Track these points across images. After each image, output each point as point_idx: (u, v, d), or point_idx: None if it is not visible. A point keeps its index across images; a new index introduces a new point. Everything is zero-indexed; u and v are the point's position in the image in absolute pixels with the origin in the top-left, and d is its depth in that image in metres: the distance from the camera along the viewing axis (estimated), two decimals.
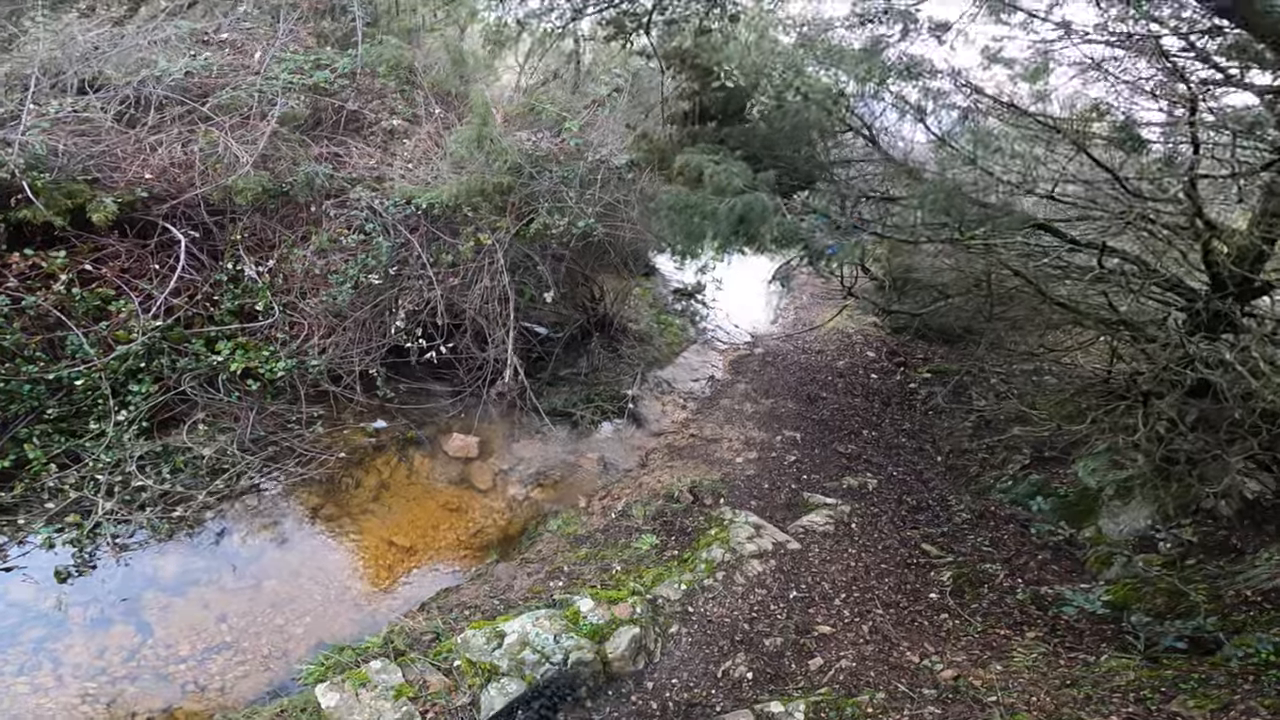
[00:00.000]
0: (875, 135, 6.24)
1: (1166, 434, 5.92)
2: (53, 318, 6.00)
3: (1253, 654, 4.27)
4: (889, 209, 6.94)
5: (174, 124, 7.22)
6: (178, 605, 5.14)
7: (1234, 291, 5.38)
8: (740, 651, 5.01)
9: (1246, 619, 4.72)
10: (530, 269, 7.83)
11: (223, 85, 7.56)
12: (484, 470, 7.23)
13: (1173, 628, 4.86)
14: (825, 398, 9.35)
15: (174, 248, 6.78)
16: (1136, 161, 4.93)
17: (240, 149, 7.06)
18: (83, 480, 5.60)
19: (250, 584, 5.42)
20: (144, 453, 5.91)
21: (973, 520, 6.77)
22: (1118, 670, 4.51)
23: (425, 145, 7.76)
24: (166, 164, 6.87)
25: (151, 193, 6.72)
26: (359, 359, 7.22)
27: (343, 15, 9.04)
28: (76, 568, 5.17)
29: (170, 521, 5.59)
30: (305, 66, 7.96)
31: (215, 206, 7.11)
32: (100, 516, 5.42)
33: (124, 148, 6.84)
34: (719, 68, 5.15)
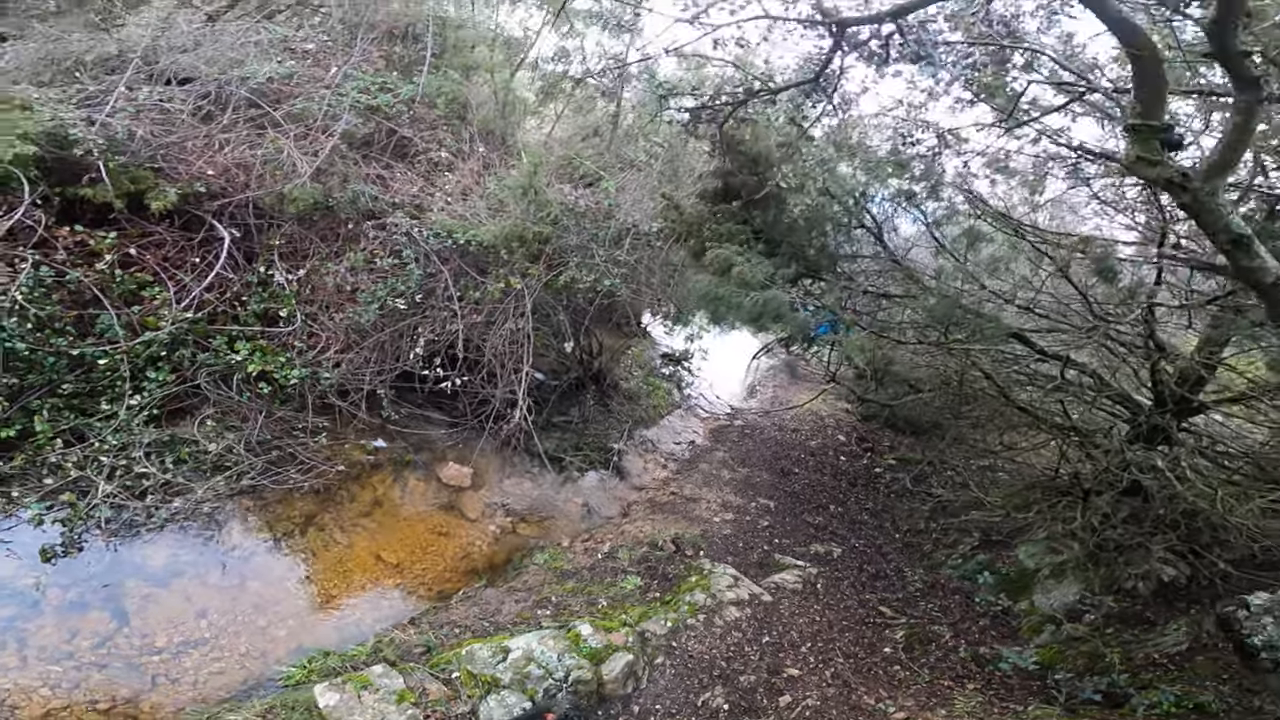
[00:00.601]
0: (882, 234, 7.19)
1: (1100, 525, 6.76)
2: (89, 295, 6.20)
3: (1156, 705, 4.98)
4: (881, 304, 7.84)
5: (245, 125, 7.58)
6: (159, 596, 5.15)
7: (1173, 409, 6.29)
8: (718, 685, 5.39)
9: (1154, 677, 5.43)
10: (547, 318, 8.38)
11: (297, 94, 7.97)
12: (474, 500, 7.52)
13: (1090, 683, 5.56)
14: (797, 473, 10.00)
15: (216, 244, 7.09)
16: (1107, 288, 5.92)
17: (301, 158, 7.44)
18: (85, 460, 5.65)
19: (235, 583, 5.49)
20: (151, 440, 6.02)
21: (924, 589, 7.40)
22: (1042, 718, 5.14)
23: (466, 181, 8.33)
24: (230, 163, 7.20)
25: (208, 188, 7.05)
26: (370, 378, 7.53)
27: (414, 43, 9.54)
28: (63, 548, 5.16)
29: (166, 511, 5.64)
30: (372, 88, 8.40)
31: (261, 210, 7.46)
32: (98, 498, 5.44)
33: (194, 142, 7.17)
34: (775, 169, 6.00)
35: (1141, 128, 2.93)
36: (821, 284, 7.01)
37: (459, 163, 8.70)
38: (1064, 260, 5.88)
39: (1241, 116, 2.68)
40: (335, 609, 5.61)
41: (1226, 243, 2.93)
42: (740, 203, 6.79)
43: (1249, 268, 2.95)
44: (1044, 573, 7.14)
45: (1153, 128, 2.90)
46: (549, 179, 8.12)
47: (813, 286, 6.92)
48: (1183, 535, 6.16)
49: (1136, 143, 2.98)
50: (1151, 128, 2.90)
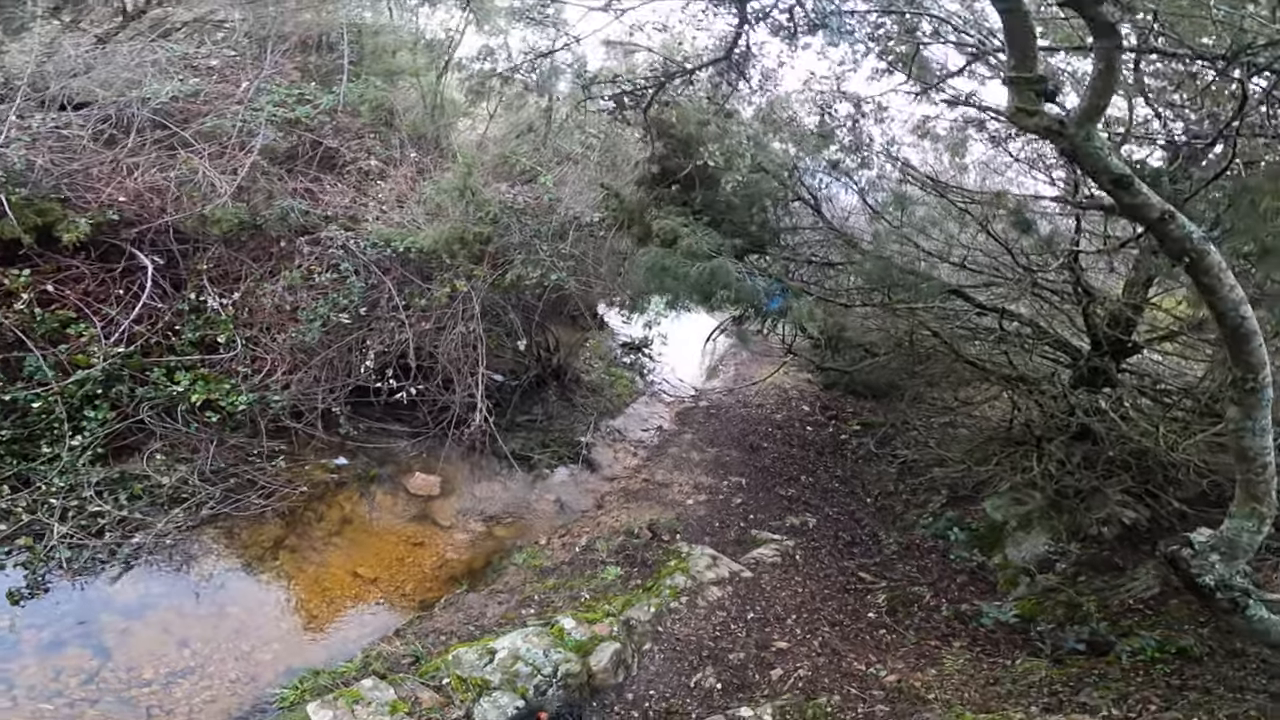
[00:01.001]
0: (819, 204, 7.42)
1: (1057, 473, 7.05)
2: (11, 337, 6.00)
3: (1140, 651, 5.17)
4: (827, 273, 8.09)
5: (153, 148, 7.32)
6: (137, 629, 5.13)
7: (1109, 351, 6.65)
8: (708, 665, 5.54)
9: (1132, 623, 5.70)
10: (498, 317, 8.38)
11: (206, 112, 7.74)
12: (445, 507, 7.52)
13: (1072, 633, 5.79)
14: (766, 447, 10.24)
15: (139, 274, 6.89)
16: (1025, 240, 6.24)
17: (219, 178, 7.24)
18: (35, 503, 5.54)
19: (213, 611, 5.47)
20: (100, 479, 5.89)
21: (900, 551, 7.70)
22: (1031, 670, 5.34)
23: (400, 188, 8.25)
24: (142, 188, 6.98)
25: (122, 216, 6.80)
26: (322, 396, 7.43)
27: (329, 52, 9.36)
28: (29, 590, 5.12)
29: (129, 547, 5.56)
30: (289, 100, 8.20)
31: (184, 235, 7.24)
32: (55, 540, 5.36)
33: (100, 168, 6.92)
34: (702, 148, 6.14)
35: (1018, 80, 3.04)
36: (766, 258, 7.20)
37: (391, 170, 8.61)
38: (984, 216, 6.17)
39: (1104, 63, 2.82)
40: (319, 628, 5.61)
41: (1109, 183, 3.09)
42: (678, 185, 6.91)
43: (1133, 205, 3.13)
44: (1012, 524, 7.44)
45: (1027, 79, 3.01)
46: (486, 178, 8.10)
47: (758, 261, 7.11)
48: (1136, 477, 6.47)
49: (1015, 95, 3.10)
50: (1026, 79, 3.01)
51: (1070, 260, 6.04)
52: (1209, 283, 3.13)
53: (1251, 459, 3.62)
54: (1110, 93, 2.81)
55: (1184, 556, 4.04)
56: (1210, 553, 3.96)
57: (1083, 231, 6.41)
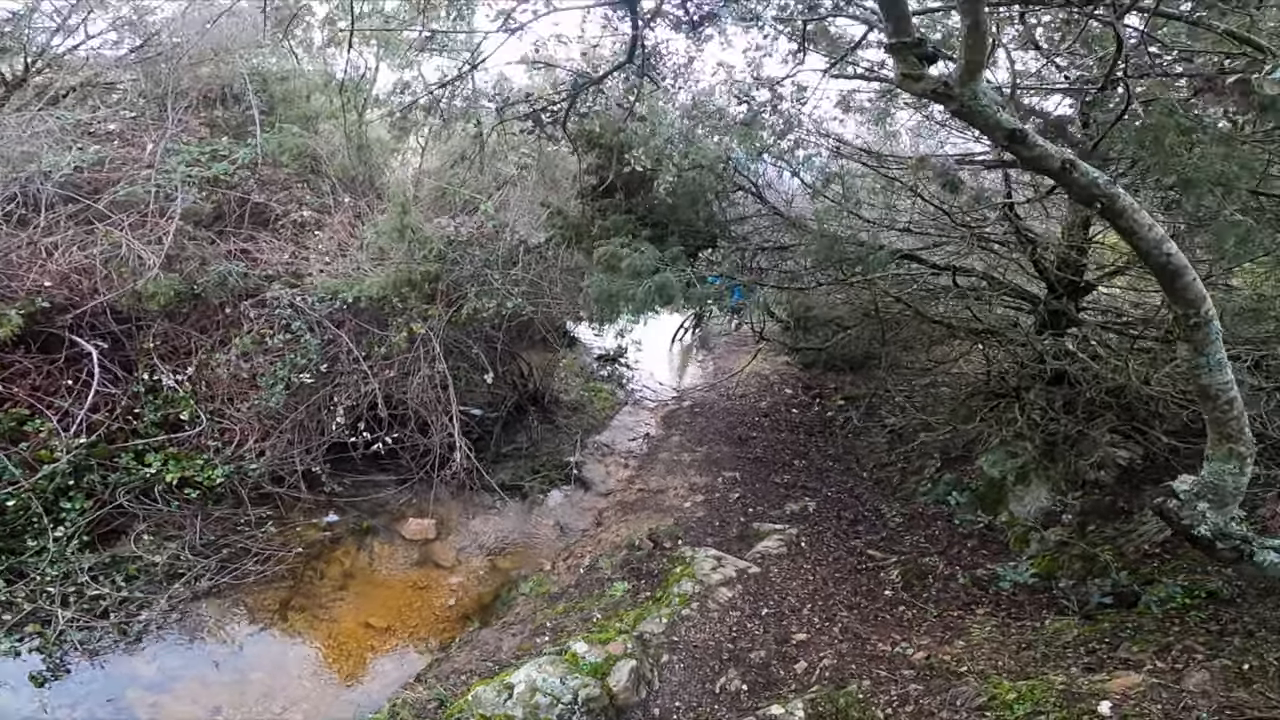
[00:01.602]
0: (761, 192, 7.58)
1: (1041, 421, 7.22)
2: None
3: (1168, 599, 5.07)
4: (782, 257, 8.26)
5: (68, 224, 7.20)
6: (166, 702, 5.24)
7: (1064, 293, 6.88)
8: (730, 668, 5.61)
9: (1152, 570, 5.65)
10: (463, 353, 8.42)
11: (115, 180, 7.62)
12: (445, 548, 7.55)
13: (1095, 586, 5.75)
14: (755, 437, 10.38)
15: (84, 360, 6.86)
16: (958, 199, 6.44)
17: (144, 249, 7.16)
18: (34, 593, 5.65)
19: (236, 677, 5.56)
20: (92, 564, 6.00)
21: (905, 523, 7.82)
22: (1062, 630, 5.27)
23: (340, 236, 8.25)
24: (66, 270, 6.90)
25: (53, 302, 6.74)
26: (300, 458, 7.42)
27: (235, 104, 9.29)
28: (50, 672, 5.22)
29: (138, 625, 5.70)
30: (202, 158, 8.14)
31: (122, 314, 7.21)
32: (62, 624, 5.48)
33: (18, 253, 6.82)
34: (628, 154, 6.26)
35: (897, 45, 3.05)
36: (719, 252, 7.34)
37: (326, 218, 8.60)
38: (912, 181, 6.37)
39: (970, 19, 2.82)
40: (341, 682, 5.69)
41: (1004, 139, 3.11)
42: (619, 194, 7.03)
43: (1032, 158, 3.15)
44: (1010, 480, 7.54)
45: (905, 44, 3.02)
46: (426, 214, 8.15)
47: (711, 255, 7.25)
48: (1120, 415, 6.58)
49: (898, 62, 3.11)
50: (905, 44, 3.02)
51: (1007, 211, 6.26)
52: (1125, 225, 3.19)
53: (1215, 396, 3.53)
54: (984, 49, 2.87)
55: (1171, 508, 3.89)
56: (1197, 501, 3.81)
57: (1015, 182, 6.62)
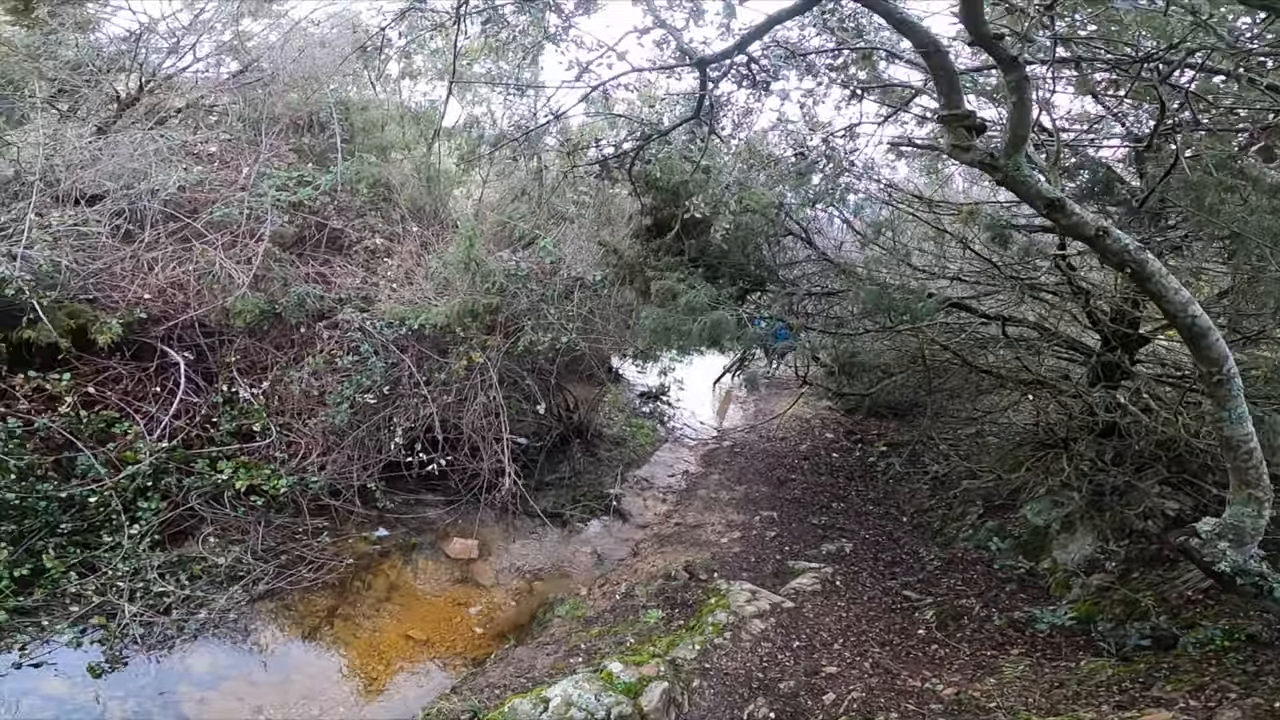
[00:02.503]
0: (811, 237, 7.92)
1: (1090, 472, 7.21)
2: (60, 439, 6.58)
3: (1207, 641, 5.14)
4: (829, 302, 8.55)
5: (168, 241, 7.78)
6: (213, 699, 5.60)
7: (1119, 345, 6.90)
8: (759, 696, 5.76)
9: (1194, 615, 5.68)
10: (516, 383, 8.88)
11: (213, 200, 8.20)
12: (486, 568, 7.90)
13: (1134, 629, 5.79)
14: (794, 479, 10.54)
15: (172, 370, 7.48)
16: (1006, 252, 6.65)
17: (235, 268, 7.73)
18: (104, 586, 6.11)
19: (279, 679, 5.91)
20: (160, 562, 6.47)
21: (943, 566, 7.85)
22: (1097, 670, 5.36)
23: (407, 264, 8.81)
24: (164, 284, 7.51)
25: (149, 314, 7.34)
26: (357, 474, 7.92)
27: (320, 131, 9.88)
28: (109, 664, 5.61)
29: (195, 623, 6.10)
30: (289, 183, 8.67)
31: (209, 328, 7.82)
32: (126, 618, 5.90)
33: (122, 265, 7.43)
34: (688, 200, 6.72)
35: (949, 118, 3.35)
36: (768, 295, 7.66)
37: (396, 246, 9.09)
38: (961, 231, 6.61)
39: (1015, 96, 3.11)
40: (379, 690, 6.00)
41: (1044, 207, 3.39)
42: (672, 235, 7.48)
43: (1069, 225, 3.44)
44: (1055, 528, 7.56)
45: (957, 116, 3.31)
46: (487, 246, 8.62)
47: (760, 299, 7.57)
48: (1171, 467, 6.62)
49: (949, 132, 3.42)
50: (956, 116, 3.31)
51: (1059, 261, 6.43)
52: (1154, 289, 3.48)
53: (1236, 447, 3.87)
54: (1028, 122, 3.22)
55: (1193, 546, 4.24)
56: (1218, 540, 4.15)
57: None
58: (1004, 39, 2.97)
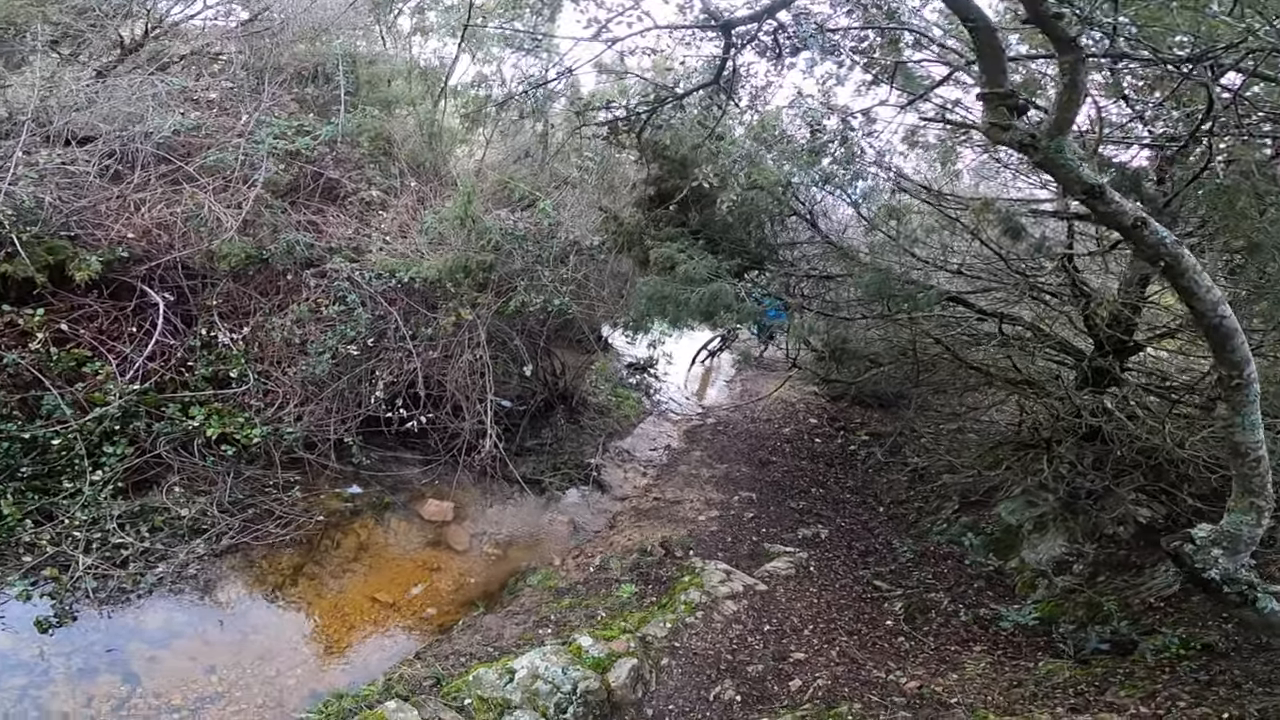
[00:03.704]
0: (815, 219, 7.63)
1: (1068, 474, 7.15)
2: (29, 376, 6.20)
3: (1164, 649, 5.17)
4: (826, 285, 8.29)
5: (158, 183, 7.49)
6: (164, 657, 5.29)
7: (1111, 351, 6.76)
8: (727, 678, 5.63)
9: (1154, 621, 5.71)
10: (504, 344, 8.58)
11: (208, 146, 7.92)
12: (460, 532, 7.67)
13: (1094, 633, 5.81)
14: (775, 461, 10.37)
15: (150, 310, 7.09)
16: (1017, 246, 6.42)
17: (224, 213, 7.41)
18: (60, 536, 5.74)
19: (237, 638, 5.63)
20: (121, 512, 6.10)
21: (915, 559, 7.76)
22: (1055, 672, 5.34)
23: (403, 218, 8.46)
24: (149, 225, 7.16)
25: (131, 253, 7.00)
26: (335, 427, 7.61)
27: (325, 83, 9.58)
28: (57, 619, 5.29)
29: (152, 577, 5.76)
30: (288, 132, 8.39)
31: (193, 270, 7.46)
32: (80, 571, 5.55)
33: (108, 204, 7.10)
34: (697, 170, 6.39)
35: (990, 95, 3.16)
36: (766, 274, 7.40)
37: (392, 200, 8.79)
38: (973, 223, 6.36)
39: (1068, 76, 2.94)
40: (340, 652, 5.76)
41: (1082, 192, 3.24)
42: (675, 206, 7.15)
43: (1107, 213, 3.28)
44: (1027, 528, 7.51)
45: (999, 94, 3.12)
46: (485, 205, 8.30)
47: (758, 278, 7.31)
48: (1148, 475, 6.53)
49: (988, 110, 3.22)
50: (998, 95, 3.12)
51: (1065, 262, 6.21)
52: (1186, 285, 3.29)
53: (1244, 454, 3.75)
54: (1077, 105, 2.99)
55: (1186, 552, 4.15)
56: (1211, 547, 4.06)
57: (1076, 234, 6.57)
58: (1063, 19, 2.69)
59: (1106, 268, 6.89)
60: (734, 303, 6.75)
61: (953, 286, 7.25)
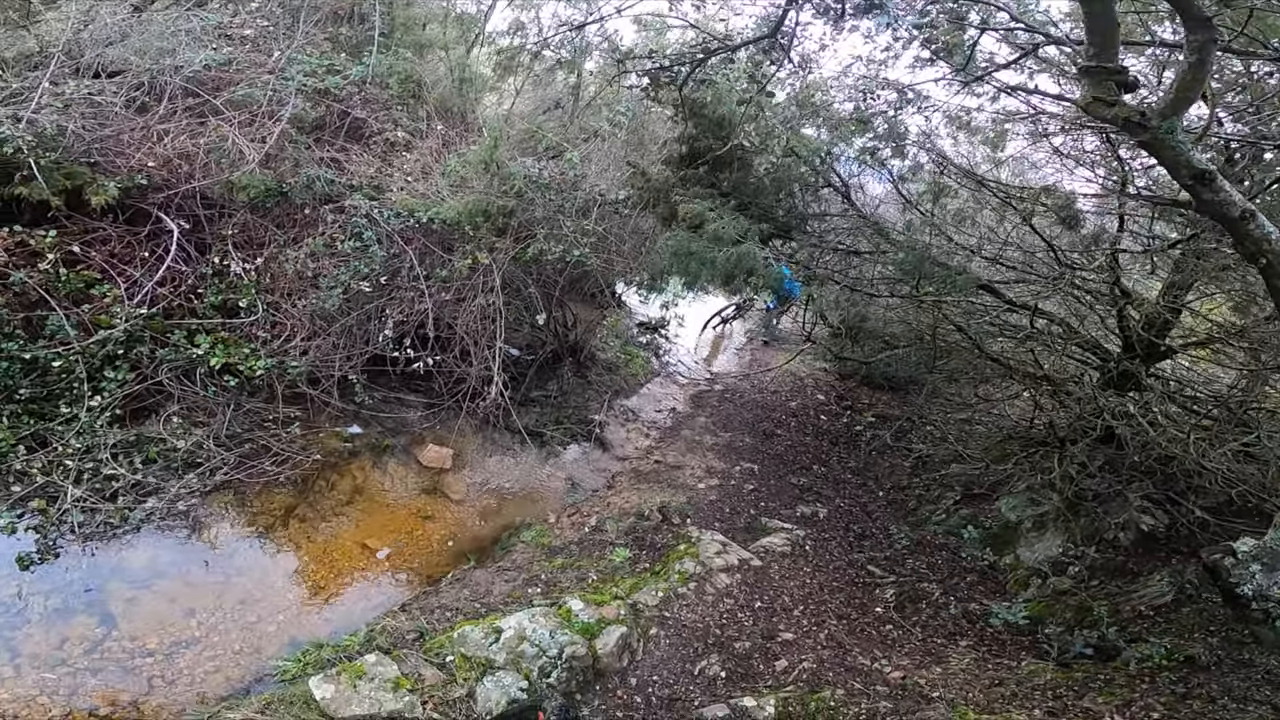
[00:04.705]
0: (850, 192, 7.12)
1: (1077, 475, 6.85)
2: (35, 296, 5.92)
3: (1147, 658, 5.02)
4: (851, 261, 7.82)
5: (184, 115, 7.23)
6: (144, 598, 5.05)
7: (1141, 354, 6.37)
8: (713, 653, 5.43)
9: (1142, 629, 5.53)
10: (518, 291, 8.21)
11: (238, 81, 7.62)
12: (457, 481, 7.44)
13: (1080, 636, 5.63)
14: (779, 434, 10.04)
15: (164, 237, 6.78)
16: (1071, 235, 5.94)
17: (247, 145, 7.12)
18: (51, 465, 5.46)
19: (221, 580, 5.38)
20: (116, 441, 5.81)
21: (911, 547, 7.50)
22: (1036, 673, 5.19)
23: (426, 160, 8.07)
24: (171, 154, 6.88)
25: (150, 181, 6.71)
26: (340, 364, 7.33)
27: (360, 23, 9.21)
28: (39, 555, 5.03)
29: (141, 512, 5.49)
30: (319, 70, 8.06)
31: (210, 200, 7.16)
32: (68, 503, 5.27)
33: (131, 134, 6.83)
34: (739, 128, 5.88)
35: (1096, 69, 2.94)
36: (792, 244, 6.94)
37: (417, 142, 8.41)
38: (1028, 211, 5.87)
39: (1196, 56, 2.69)
40: (324, 600, 5.54)
41: (1189, 178, 2.96)
42: (706, 166, 6.65)
43: (1213, 201, 2.99)
44: (1026, 525, 7.26)
45: (1107, 69, 2.91)
46: (511, 153, 7.89)
47: (783, 247, 6.85)
48: (1159, 483, 6.27)
49: (1091, 85, 2.99)
50: (1106, 69, 2.91)
51: (1111, 260, 5.74)
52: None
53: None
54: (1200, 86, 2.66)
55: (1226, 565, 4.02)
56: (1252, 562, 3.91)
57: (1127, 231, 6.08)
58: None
59: (1153, 268, 6.38)
60: (759, 267, 6.32)
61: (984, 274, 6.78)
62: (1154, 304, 5.98)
